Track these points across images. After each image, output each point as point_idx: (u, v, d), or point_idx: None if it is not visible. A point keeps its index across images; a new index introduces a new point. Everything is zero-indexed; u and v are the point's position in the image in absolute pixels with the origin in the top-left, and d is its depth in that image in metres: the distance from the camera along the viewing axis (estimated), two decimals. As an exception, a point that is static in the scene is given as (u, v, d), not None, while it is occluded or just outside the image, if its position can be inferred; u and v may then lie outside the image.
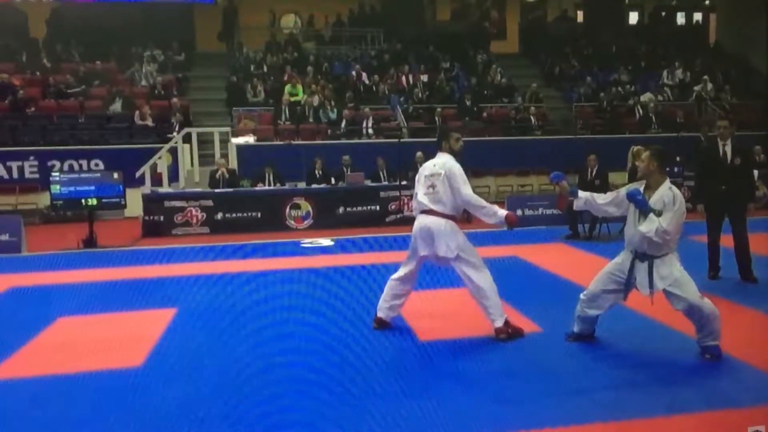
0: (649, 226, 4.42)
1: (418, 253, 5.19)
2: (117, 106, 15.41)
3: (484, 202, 5.10)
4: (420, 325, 5.48)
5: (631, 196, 4.55)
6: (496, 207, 5.12)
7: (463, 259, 5.03)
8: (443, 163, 5.11)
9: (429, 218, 5.09)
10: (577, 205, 4.93)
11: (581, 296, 4.88)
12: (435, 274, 6.49)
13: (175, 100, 15.44)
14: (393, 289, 5.40)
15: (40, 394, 4.21)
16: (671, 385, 4.12)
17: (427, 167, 5.22)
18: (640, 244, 4.52)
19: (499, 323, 5.04)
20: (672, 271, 4.47)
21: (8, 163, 13.66)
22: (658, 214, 4.43)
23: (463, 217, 5.91)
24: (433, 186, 5.09)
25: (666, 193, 4.49)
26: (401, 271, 5.37)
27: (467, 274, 5.05)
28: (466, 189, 5.03)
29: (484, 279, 5.04)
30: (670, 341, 4.96)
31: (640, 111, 17.52)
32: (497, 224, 5.14)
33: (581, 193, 4.87)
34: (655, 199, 4.49)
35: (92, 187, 10.02)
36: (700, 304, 4.43)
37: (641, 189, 4.60)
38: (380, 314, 5.45)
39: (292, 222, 11.76)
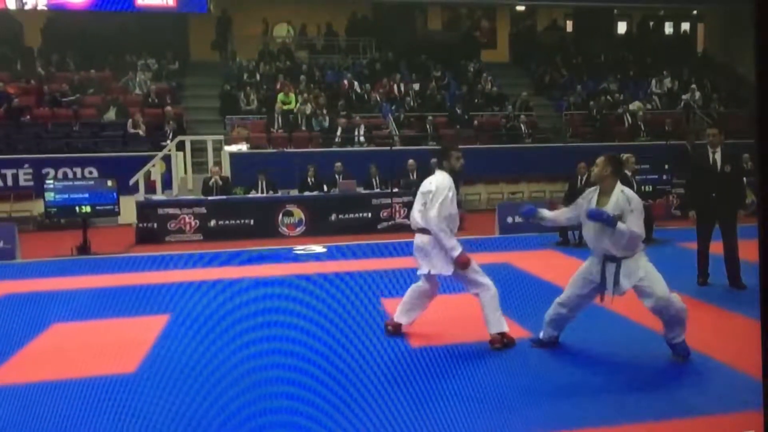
0: (622, 227, 4.51)
1: (422, 271, 5.26)
2: (111, 115, 15.48)
3: (443, 234, 4.99)
4: (412, 332, 5.52)
5: (595, 217, 4.59)
6: (454, 243, 5.01)
7: (460, 273, 5.11)
8: (437, 181, 5.16)
9: (424, 238, 5.16)
10: (545, 224, 5.19)
11: (556, 301, 4.97)
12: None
13: (168, 108, 15.47)
14: (412, 296, 5.45)
15: (34, 400, 4.25)
16: (661, 391, 4.19)
17: (425, 184, 5.29)
18: (608, 248, 4.61)
19: (493, 331, 5.09)
20: (638, 267, 4.58)
21: (3, 171, 13.68)
22: (618, 218, 4.53)
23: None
24: (425, 204, 5.17)
25: (620, 197, 4.61)
26: (421, 282, 5.43)
27: (467, 285, 5.15)
28: (433, 211, 4.98)
29: (482, 290, 5.09)
30: (660, 347, 4.99)
31: (629, 119, 17.71)
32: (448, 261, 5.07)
33: (545, 213, 5.06)
34: (611, 205, 4.61)
35: (86, 195, 10.07)
36: (669, 298, 4.52)
37: (596, 193, 4.74)
38: (397, 319, 5.49)
39: (285, 229, 11.82)
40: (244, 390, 4.34)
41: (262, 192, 12.47)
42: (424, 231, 5.16)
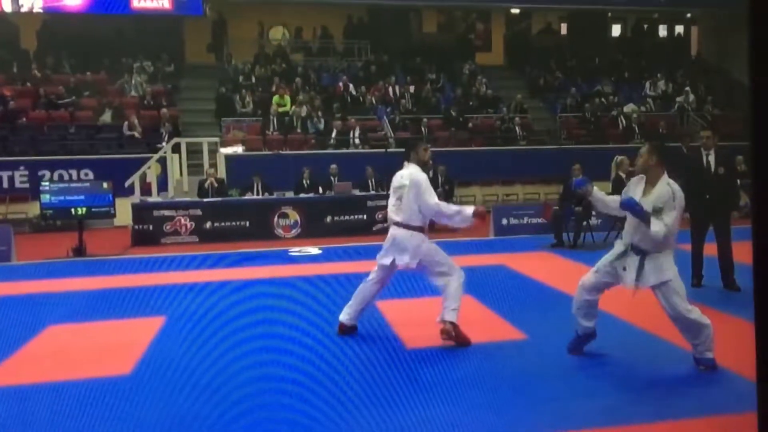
0: (657, 226, 4.33)
1: (386, 261, 5.32)
2: (107, 117, 15.49)
3: (451, 208, 5.19)
4: (407, 333, 5.54)
5: (628, 207, 4.46)
6: (461, 207, 5.19)
7: (427, 265, 5.17)
8: (409, 174, 5.20)
9: (398, 231, 5.21)
10: (598, 207, 5.02)
11: (579, 284, 4.81)
12: (422, 282, 6.55)
13: (164, 110, 15.49)
14: (363, 293, 5.49)
15: (29, 402, 4.25)
16: (657, 393, 4.20)
17: (396, 179, 5.33)
18: (634, 237, 4.50)
19: (446, 317, 5.10)
20: (668, 267, 4.43)
21: (-2, 173, 13.69)
22: (658, 211, 4.34)
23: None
24: (400, 198, 5.21)
25: (665, 189, 4.41)
26: (372, 276, 5.49)
27: (433, 278, 5.20)
28: (432, 199, 5.10)
29: (445, 283, 5.12)
30: (658, 350, 5.04)
31: (623, 122, 17.80)
32: (468, 225, 5.17)
33: (598, 194, 4.85)
34: (654, 196, 4.41)
35: (82, 197, 10.06)
36: (685, 311, 4.42)
37: (642, 182, 4.57)
38: (344, 320, 5.52)
39: (280, 231, 11.84)
40: (240, 392, 4.34)
41: (258, 194, 12.50)
42: (399, 225, 5.21)
